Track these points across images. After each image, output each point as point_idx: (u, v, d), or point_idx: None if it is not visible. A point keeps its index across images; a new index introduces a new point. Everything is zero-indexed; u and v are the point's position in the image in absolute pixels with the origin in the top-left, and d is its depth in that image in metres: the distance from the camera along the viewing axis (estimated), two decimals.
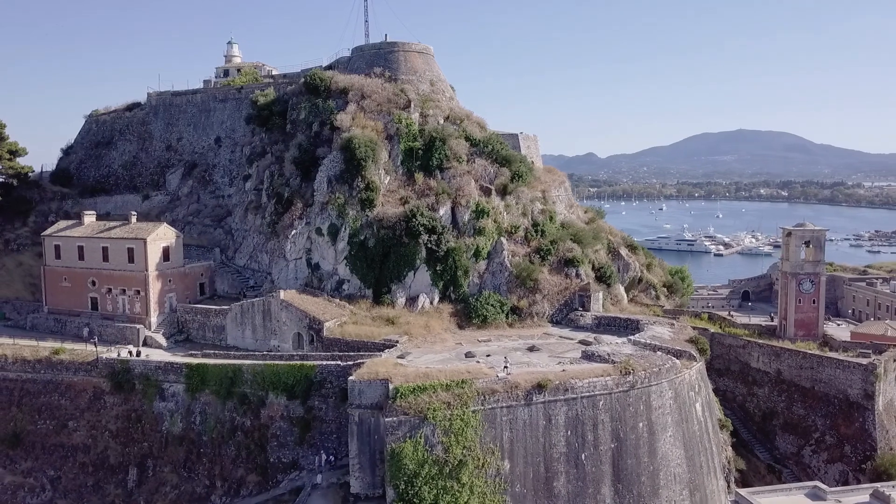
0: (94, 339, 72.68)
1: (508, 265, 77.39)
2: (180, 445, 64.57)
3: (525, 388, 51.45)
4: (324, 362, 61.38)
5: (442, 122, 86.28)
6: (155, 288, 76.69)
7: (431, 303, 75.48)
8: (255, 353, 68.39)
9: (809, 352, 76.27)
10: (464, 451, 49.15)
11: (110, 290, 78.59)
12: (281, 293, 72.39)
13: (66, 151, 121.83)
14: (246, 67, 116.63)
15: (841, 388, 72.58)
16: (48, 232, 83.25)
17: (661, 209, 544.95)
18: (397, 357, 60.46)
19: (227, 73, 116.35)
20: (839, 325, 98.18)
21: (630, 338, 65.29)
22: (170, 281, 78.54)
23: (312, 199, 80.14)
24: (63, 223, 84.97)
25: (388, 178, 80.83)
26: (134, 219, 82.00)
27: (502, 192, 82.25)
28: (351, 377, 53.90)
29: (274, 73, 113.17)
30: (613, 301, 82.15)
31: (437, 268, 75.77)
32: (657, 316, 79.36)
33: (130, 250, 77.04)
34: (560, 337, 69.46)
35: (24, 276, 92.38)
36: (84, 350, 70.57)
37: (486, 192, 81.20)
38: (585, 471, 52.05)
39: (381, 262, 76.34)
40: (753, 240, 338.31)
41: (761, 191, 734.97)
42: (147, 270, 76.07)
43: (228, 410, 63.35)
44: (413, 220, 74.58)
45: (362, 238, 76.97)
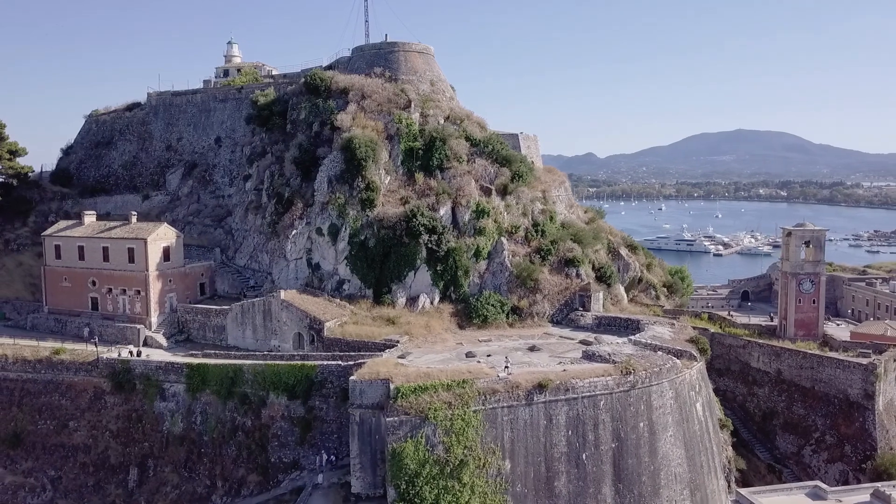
0: (94, 339, 72.68)
1: (509, 265, 77.43)
2: (181, 445, 64.55)
3: (526, 387, 51.45)
4: (324, 362, 61.32)
5: (442, 122, 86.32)
6: (155, 288, 76.72)
7: (432, 303, 75.51)
8: (256, 353, 68.36)
9: (809, 352, 76.42)
10: (465, 451, 49.13)
11: (111, 290, 78.60)
12: (281, 293, 72.41)
13: (66, 151, 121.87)
14: (246, 67, 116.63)
15: (841, 387, 72.71)
16: (48, 232, 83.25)
17: (661, 209, 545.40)
18: (398, 357, 60.42)
19: (227, 73, 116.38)
20: (839, 325, 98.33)
21: (630, 338, 65.31)
22: (170, 281, 78.56)
23: (313, 199, 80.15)
24: (63, 223, 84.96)
25: (389, 178, 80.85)
26: (134, 219, 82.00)
27: (502, 192, 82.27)
28: (352, 377, 53.88)
29: (274, 73, 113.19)
30: (614, 301, 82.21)
31: (438, 268, 75.80)
32: (657, 316, 79.39)
33: (131, 250, 77.07)
34: (560, 337, 69.48)
35: (24, 276, 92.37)
36: (84, 350, 70.57)
37: (486, 192, 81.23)
38: (586, 470, 52.07)
39: (382, 262, 76.35)
40: (753, 240, 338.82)
41: (760, 191, 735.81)
42: (147, 270, 76.10)
43: (229, 410, 63.34)
44: (413, 220, 74.61)
45: (363, 238, 77.00)
